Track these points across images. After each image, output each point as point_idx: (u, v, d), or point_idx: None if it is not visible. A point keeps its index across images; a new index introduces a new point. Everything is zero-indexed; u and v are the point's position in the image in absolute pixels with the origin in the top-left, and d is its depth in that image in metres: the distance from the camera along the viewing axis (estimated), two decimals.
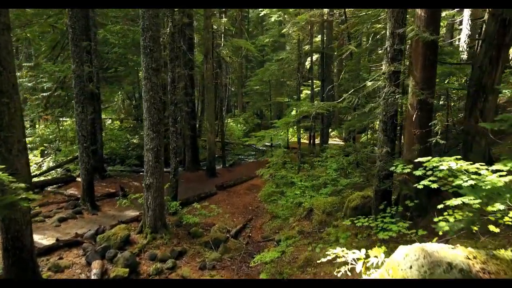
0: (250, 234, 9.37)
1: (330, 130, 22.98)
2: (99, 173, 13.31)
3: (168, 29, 9.40)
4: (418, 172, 3.67)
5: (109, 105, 24.84)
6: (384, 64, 6.50)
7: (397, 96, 6.22)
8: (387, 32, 6.43)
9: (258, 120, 31.91)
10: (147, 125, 8.04)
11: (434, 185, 3.52)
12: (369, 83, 6.08)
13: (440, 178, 3.44)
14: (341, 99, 6.55)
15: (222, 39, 22.14)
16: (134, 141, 22.81)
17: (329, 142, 21.86)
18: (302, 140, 20.92)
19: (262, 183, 13.62)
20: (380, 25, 14.62)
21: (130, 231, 8.48)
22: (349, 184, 9.57)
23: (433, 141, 5.59)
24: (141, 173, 17.73)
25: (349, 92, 6.50)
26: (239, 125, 30.18)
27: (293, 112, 26.22)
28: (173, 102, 9.93)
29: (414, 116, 6.00)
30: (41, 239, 8.02)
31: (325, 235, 7.98)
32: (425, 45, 5.76)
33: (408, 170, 4.00)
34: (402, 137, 8.54)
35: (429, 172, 3.52)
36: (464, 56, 9.98)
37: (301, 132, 22.18)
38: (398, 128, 9.31)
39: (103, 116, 25.78)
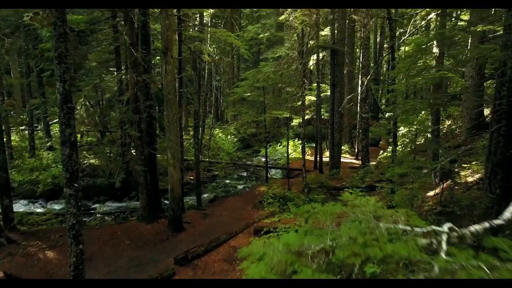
0: None
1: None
2: None
3: None
4: None
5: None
6: None
7: None
8: None
9: (252, 129, 27.02)
10: None
11: None
12: None
13: None
14: None
15: (208, 34, 17.29)
16: (92, 161, 17.76)
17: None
18: (305, 156, 16.03)
19: (248, 243, 8.82)
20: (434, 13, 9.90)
21: None
22: None
23: None
24: (96, 215, 12.67)
25: None
26: (229, 137, 25.27)
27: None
28: (67, 141, 5.05)
29: None
30: None
31: None
32: None
33: None
34: None
35: None
36: None
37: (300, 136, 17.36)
38: None
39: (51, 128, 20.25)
